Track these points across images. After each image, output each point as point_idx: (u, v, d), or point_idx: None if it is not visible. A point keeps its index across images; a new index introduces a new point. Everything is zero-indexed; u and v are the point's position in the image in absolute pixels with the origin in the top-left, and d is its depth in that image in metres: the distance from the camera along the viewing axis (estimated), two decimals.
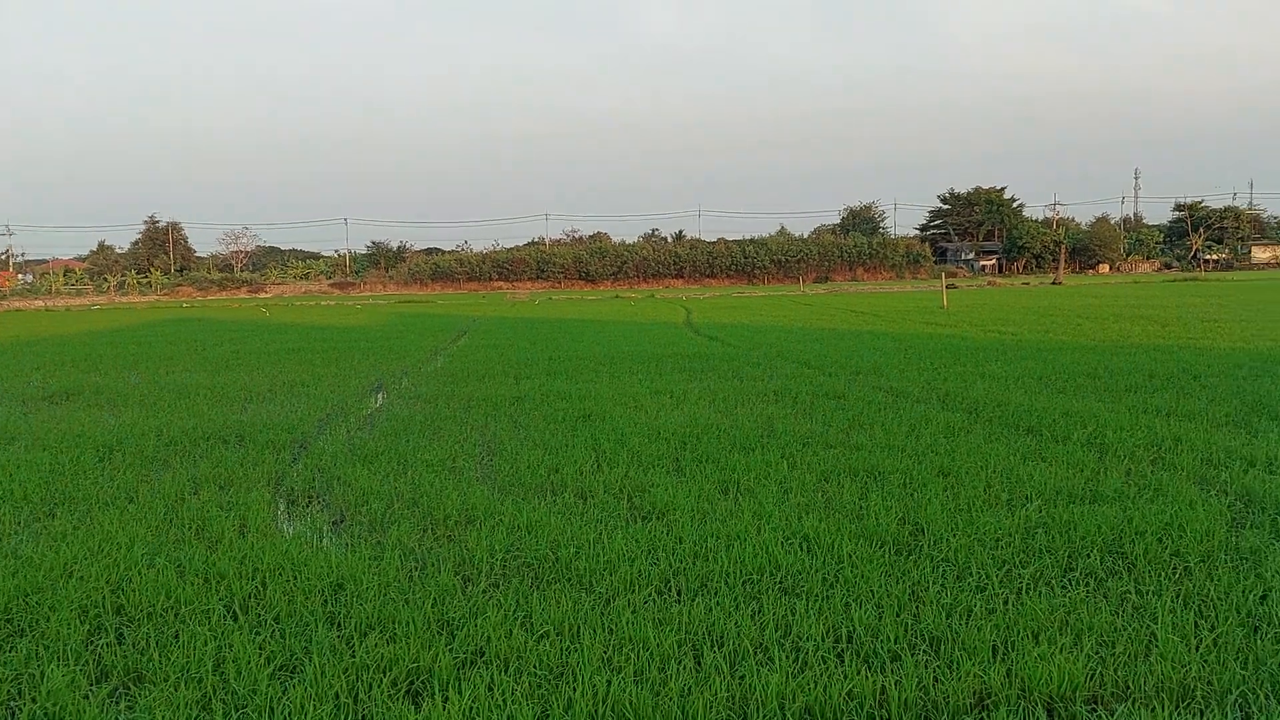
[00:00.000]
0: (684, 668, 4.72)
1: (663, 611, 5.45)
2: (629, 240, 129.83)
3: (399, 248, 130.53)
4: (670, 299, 70.18)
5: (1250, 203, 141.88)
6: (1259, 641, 4.83)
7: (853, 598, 5.59)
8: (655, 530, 7.06)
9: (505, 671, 4.76)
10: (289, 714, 4.39)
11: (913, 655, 4.80)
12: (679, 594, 5.80)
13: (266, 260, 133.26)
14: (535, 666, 4.80)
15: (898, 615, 5.30)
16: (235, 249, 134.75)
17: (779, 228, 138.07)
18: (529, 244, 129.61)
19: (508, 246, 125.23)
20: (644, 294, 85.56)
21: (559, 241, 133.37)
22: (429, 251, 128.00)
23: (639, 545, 6.67)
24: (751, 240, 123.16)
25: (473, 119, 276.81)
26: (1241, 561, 6.07)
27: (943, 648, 4.89)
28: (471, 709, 4.37)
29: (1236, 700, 4.31)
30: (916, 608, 5.41)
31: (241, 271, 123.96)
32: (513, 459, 9.83)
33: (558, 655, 4.91)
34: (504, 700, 4.44)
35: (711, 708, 4.33)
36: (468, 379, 17.48)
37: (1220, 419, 11.30)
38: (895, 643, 4.95)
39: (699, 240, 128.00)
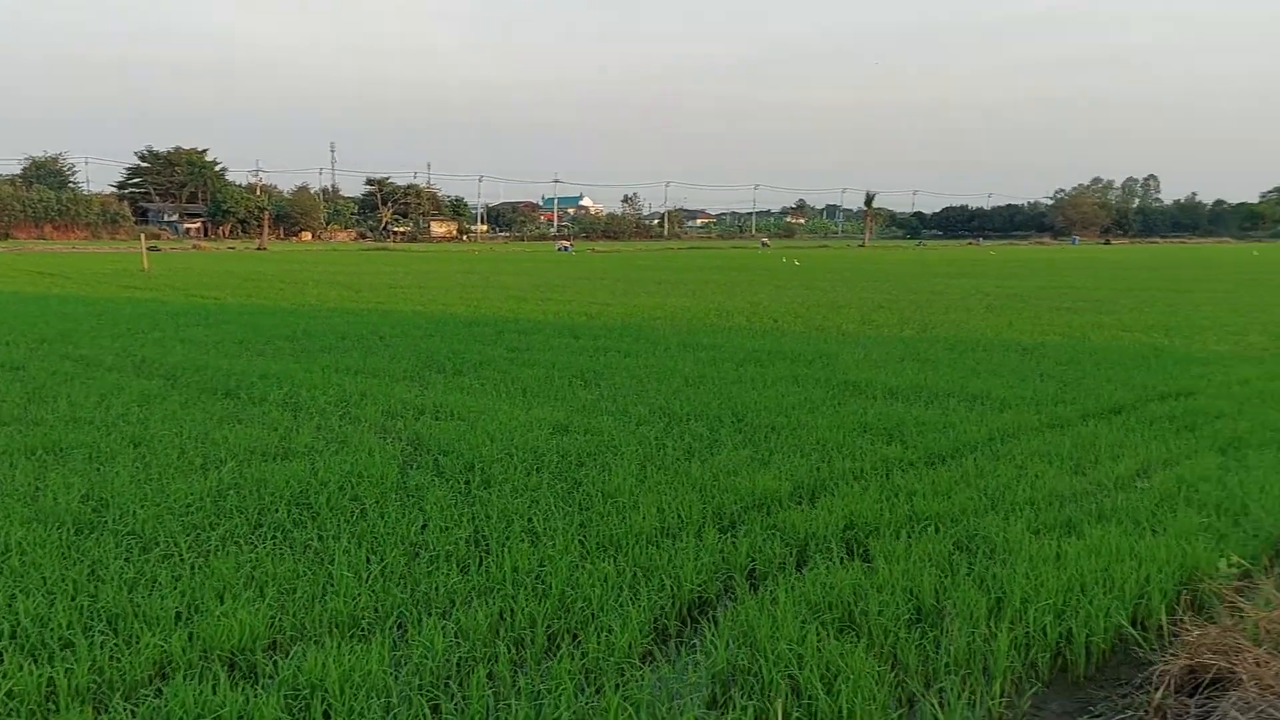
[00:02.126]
0: None
1: None
2: None
3: None
4: None
5: (429, 181, 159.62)
6: (417, 565, 5.56)
7: (20, 589, 5.04)
8: None
9: None
10: None
11: (88, 638, 4.51)
12: None
13: None
14: None
15: (73, 599, 4.92)
16: None
17: None
18: None
19: None
20: None
21: None
22: None
23: None
24: None
25: None
26: (408, 498, 6.90)
27: (122, 624, 4.68)
28: None
29: (396, 620, 4.92)
30: (95, 587, 5.09)
31: None
32: None
33: None
34: None
35: None
36: None
37: (399, 374, 12.62)
38: (68, 629, 4.60)
39: None
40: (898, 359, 14.17)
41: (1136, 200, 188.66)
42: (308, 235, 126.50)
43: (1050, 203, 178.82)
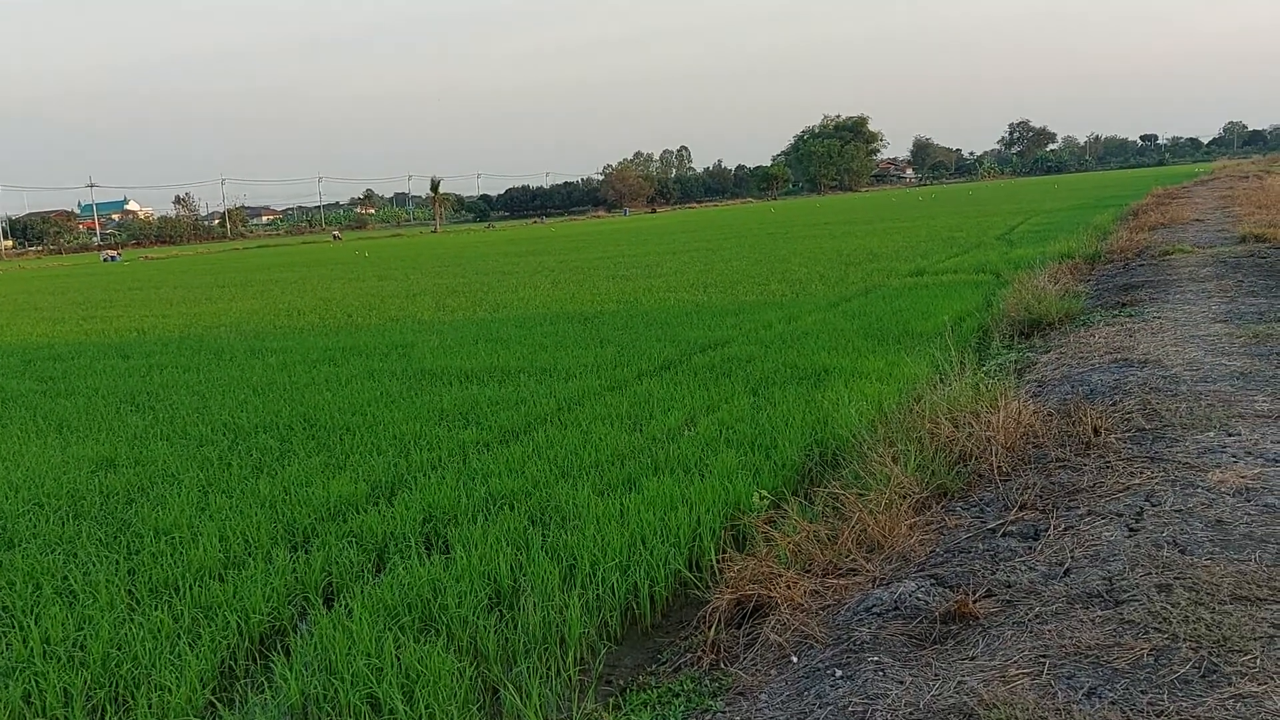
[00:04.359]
0: None
1: None
2: None
3: None
4: None
5: None
6: None
7: None
8: None
9: None
10: None
11: None
12: None
13: None
14: None
15: None
16: None
17: None
18: None
19: None
20: None
21: None
22: None
23: None
24: None
25: None
26: None
27: None
28: None
29: None
30: None
31: None
32: None
33: None
34: None
35: None
36: None
37: None
38: None
39: None
40: (472, 341, 14.32)
41: (674, 170, 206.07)
42: None
43: (601, 178, 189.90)
